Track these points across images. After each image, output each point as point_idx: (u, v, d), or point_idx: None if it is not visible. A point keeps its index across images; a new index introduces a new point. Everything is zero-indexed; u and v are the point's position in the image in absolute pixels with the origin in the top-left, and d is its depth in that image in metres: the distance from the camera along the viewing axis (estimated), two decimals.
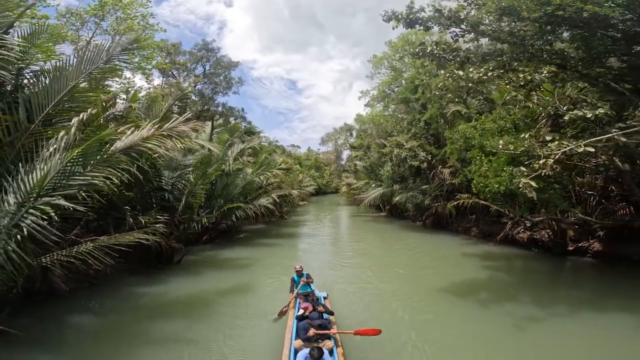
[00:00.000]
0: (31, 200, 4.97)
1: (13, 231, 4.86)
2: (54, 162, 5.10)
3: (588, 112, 7.39)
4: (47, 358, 5.91)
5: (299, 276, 8.45)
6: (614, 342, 6.43)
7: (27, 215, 4.87)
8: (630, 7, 8.09)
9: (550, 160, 6.80)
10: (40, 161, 5.44)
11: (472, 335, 6.95)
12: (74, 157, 5.11)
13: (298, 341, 5.87)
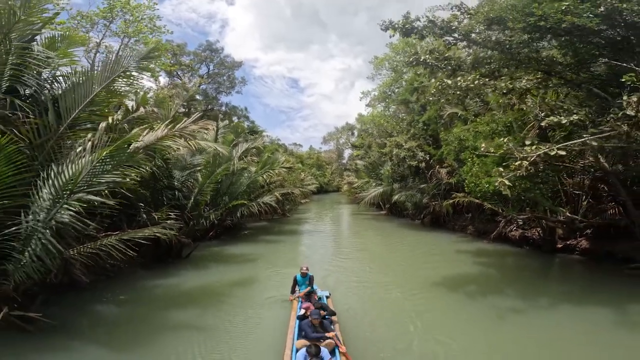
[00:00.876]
0: (65, 197, 5.67)
1: (50, 224, 5.56)
2: (85, 162, 5.78)
3: (563, 119, 8.03)
4: (75, 344, 6.50)
5: (303, 277, 8.52)
6: (589, 334, 7.00)
7: (62, 210, 5.56)
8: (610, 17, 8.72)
9: (525, 163, 7.42)
10: (70, 161, 6.13)
11: (457, 324, 7.56)
12: (104, 157, 5.80)
13: (300, 341, 5.82)
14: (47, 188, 5.77)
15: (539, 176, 10.57)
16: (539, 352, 6.26)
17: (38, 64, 8.10)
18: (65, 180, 5.72)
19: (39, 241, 5.56)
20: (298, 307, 7.49)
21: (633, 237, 12.12)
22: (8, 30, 7.29)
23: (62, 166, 6.07)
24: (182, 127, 8.55)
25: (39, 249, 5.54)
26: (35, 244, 5.55)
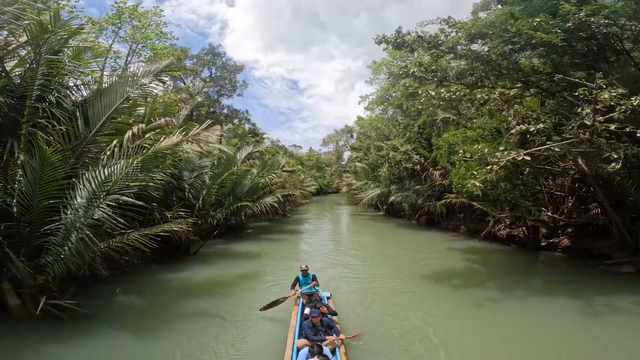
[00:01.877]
0: (102, 197, 6.62)
1: (88, 221, 6.50)
2: (120, 166, 6.73)
3: (531, 127, 8.97)
4: (105, 330, 7.30)
5: (304, 276, 8.61)
6: (554, 319, 7.87)
7: (98, 209, 6.51)
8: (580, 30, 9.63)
9: (495, 167, 8.35)
10: (103, 165, 7.08)
11: (440, 312, 8.46)
12: (137, 163, 6.76)
13: (301, 340, 5.86)
14: (85, 189, 6.70)
15: (519, 178, 11.54)
16: (506, 333, 7.24)
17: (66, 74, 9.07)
18: (101, 182, 6.66)
19: (78, 236, 6.49)
20: (299, 308, 7.59)
21: (610, 236, 13.09)
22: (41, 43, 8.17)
23: (97, 170, 7.00)
24: (195, 134, 9.51)
25: (78, 243, 6.48)
26: (75, 238, 6.48)
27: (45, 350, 6.24)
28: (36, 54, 8.13)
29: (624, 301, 8.72)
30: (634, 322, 7.57)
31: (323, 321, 6.11)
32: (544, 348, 6.52)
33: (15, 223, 6.93)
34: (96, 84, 11.51)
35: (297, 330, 6.36)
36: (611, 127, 7.63)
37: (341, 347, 5.73)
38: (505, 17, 10.22)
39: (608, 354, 6.28)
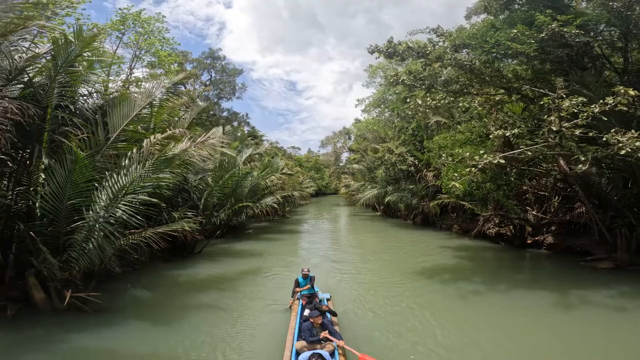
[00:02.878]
0: (120, 197, 7.39)
1: (110, 219, 7.27)
2: (135, 169, 7.50)
3: (507, 132, 9.79)
4: (124, 321, 7.97)
5: (304, 278, 8.62)
6: (528, 309, 8.63)
7: (119, 207, 7.29)
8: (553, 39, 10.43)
9: (473, 170, 9.12)
10: (121, 168, 7.85)
11: (424, 302, 9.23)
12: (149, 166, 7.54)
13: (300, 342, 5.87)
14: (107, 190, 7.48)
15: (503, 179, 12.36)
16: (484, 322, 8.01)
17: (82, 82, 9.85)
18: (122, 185, 7.44)
19: (101, 232, 7.26)
20: (299, 309, 7.64)
21: (592, 233, 13.90)
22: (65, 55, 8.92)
23: (119, 173, 7.79)
24: (203, 140, 10.29)
25: (101, 239, 7.24)
26: (98, 234, 7.24)
27: (72, 339, 6.93)
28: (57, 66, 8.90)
29: (597, 295, 9.44)
30: (602, 314, 8.26)
31: (324, 323, 6.09)
32: (515, 334, 7.32)
33: (40, 222, 7.71)
34: (108, 91, 12.34)
35: (297, 332, 6.38)
36: (576, 132, 8.43)
37: (339, 348, 5.72)
38: (487, 28, 11.06)
39: (570, 342, 6.97)
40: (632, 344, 6.76)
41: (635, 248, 11.85)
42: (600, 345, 6.75)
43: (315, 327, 5.98)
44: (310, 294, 8.36)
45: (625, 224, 12.03)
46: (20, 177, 8.71)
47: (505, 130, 9.88)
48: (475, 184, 11.82)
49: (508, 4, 13.25)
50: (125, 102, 9.79)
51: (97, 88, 11.50)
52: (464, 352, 6.47)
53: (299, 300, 8.12)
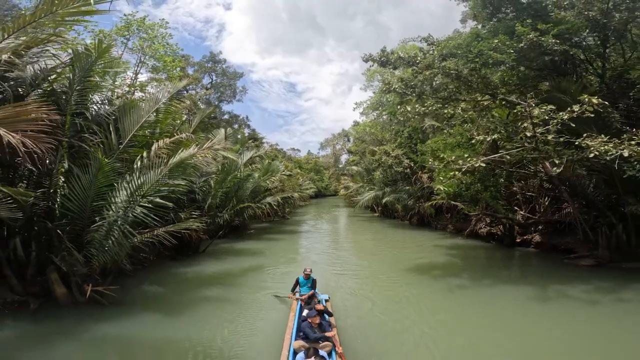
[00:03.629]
0: (139, 198, 8.15)
1: (128, 218, 8.03)
2: (153, 173, 8.26)
3: (488, 137, 10.55)
4: (139, 312, 8.64)
5: (306, 279, 8.76)
6: (507, 302, 9.38)
7: (137, 207, 8.04)
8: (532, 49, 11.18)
9: (458, 173, 9.88)
10: (135, 171, 8.61)
11: (413, 295, 9.99)
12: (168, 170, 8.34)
13: (298, 342, 5.90)
14: (123, 192, 8.24)
15: (490, 181, 13.12)
16: (465, 313, 8.76)
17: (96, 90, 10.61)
18: (137, 186, 8.21)
19: (120, 230, 8.01)
20: (297, 309, 7.77)
21: (576, 232, 14.64)
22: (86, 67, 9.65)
23: (133, 176, 8.56)
24: (209, 146, 11.05)
25: (120, 236, 7.99)
26: (117, 232, 7.99)
27: (94, 329, 7.60)
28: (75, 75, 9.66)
29: (574, 289, 10.11)
30: (576, 307, 8.94)
31: (322, 324, 6.20)
32: (492, 323, 8.10)
33: (62, 221, 8.46)
34: (118, 99, 13.09)
35: (294, 331, 6.45)
36: (549, 137, 9.19)
37: (338, 348, 5.82)
38: (472, 38, 11.84)
39: (542, 331, 7.69)
40: (597, 333, 7.44)
41: (615, 246, 12.56)
42: (568, 333, 7.45)
43: (314, 327, 6.08)
44: (309, 294, 8.47)
45: (606, 223, 12.76)
46: (41, 179, 9.46)
47: (486, 136, 10.64)
48: (465, 185, 12.57)
49: (494, 13, 14.04)
50: (135, 109, 10.60)
51: (109, 96, 12.30)
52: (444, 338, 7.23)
53: (297, 300, 8.26)
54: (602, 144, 8.43)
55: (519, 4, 13.31)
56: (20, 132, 4.69)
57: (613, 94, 12.35)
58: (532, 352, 6.57)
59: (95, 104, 11.31)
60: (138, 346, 6.97)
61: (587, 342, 6.98)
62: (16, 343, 6.91)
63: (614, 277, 11.20)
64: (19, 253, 8.88)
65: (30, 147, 4.87)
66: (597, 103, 8.62)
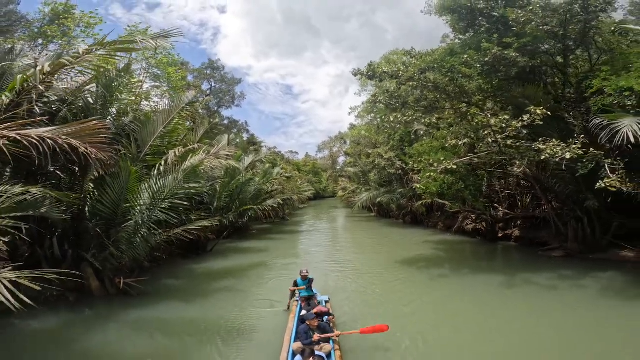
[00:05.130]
0: (160, 200, 9.58)
1: (153, 218, 9.47)
2: (172, 178, 9.71)
3: (459, 142, 12.00)
4: (160, 301, 9.86)
5: (303, 280, 8.74)
6: (478, 288, 10.79)
7: (159, 209, 9.48)
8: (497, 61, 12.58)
9: (433, 174, 11.30)
10: (154, 177, 10.04)
11: (399, 284, 11.43)
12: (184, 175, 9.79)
13: (297, 344, 5.93)
14: (149, 195, 9.68)
15: (470, 180, 14.57)
16: (444, 296, 10.21)
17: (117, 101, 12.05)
18: (158, 190, 9.65)
19: (146, 228, 9.41)
20: (297, 311, 7.82)
21: (551, 227, 16.06)
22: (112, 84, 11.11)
23: (155, 180, 9.99)
24: (216, 152, 12.47)
25: (146, 233, 9.39)
26: (144, 230, 9.39)
27: (127, 315, 8.88)
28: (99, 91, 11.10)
29: (539, 277, 11.41)
30: (536, 290, 10.24)
31: (320, 325, 6.24)
32: (462, 304, 9.51)
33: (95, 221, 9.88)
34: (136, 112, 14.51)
35: (294, 333, 6.47)
36: (508, 142, 10.64)
37: (337, 350, 5.90)
38: (446, 54, 13.30)
39: (504, 310, 9.10)
40: (547, 311, 8.70)
41: (582, 238, 13.98)
42: (521, 311, 8.87)
43: (312, 329, 6.10)
44: (309, 295, 8.49)
45: (574, 218, 14.18)
46: (74, 185, 10.83)
47: (458, 140, 12.11)
48: (447, 184, 13.99)
49: (469, 27, 15.45)
50: (151, 121, 12.05)
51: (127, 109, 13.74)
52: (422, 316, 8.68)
53: (297, 302, 8.31)
54: (551, 148, 9.86)
55: (490, 17, 14.73)
56: (88, 143, 6.02)
57: (576, 100, 13.77)
58: (491, 324, 8.05)
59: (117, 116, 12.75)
60: (166, 326, 8.30)
61: (537, 318, 8.32)
62: (66, 329, 8.22)
63: (578, 267, 12.57)
64: (55, 251, 10.28)
65: (95, 155, 6.24)
66: (540, 113, 10.09)
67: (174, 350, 7.05)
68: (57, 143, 5.55)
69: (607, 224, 13.66)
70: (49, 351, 7.09)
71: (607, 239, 13.70)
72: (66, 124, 8.06)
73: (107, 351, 6.99)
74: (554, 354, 6.46)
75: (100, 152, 6.36)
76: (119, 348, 7.10)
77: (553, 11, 12.64)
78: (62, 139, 5.56)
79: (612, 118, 9.16)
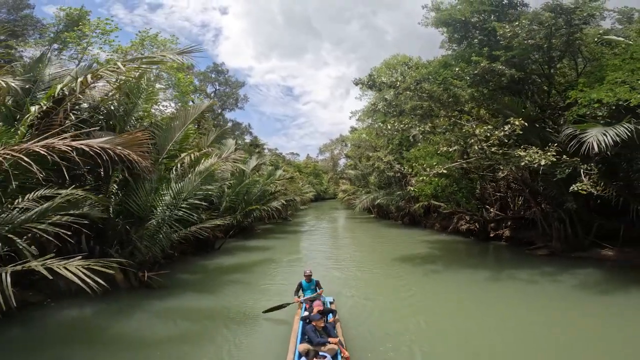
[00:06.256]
0: (181, 200, 10.71)
1: (173, 217, 10.59)
2: (189, 180, 10.83)
3: (450, 148, 13.09)
4: (178, 293, 10.92)
5: (308, 281, 8.81)
6: (466, 281, 11.83)
7: (180, 208, 10.61)
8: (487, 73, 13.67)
9: (426, 178, 12.40)
10: (173, 179, 11.16)
11: (395, 279, 12.54)
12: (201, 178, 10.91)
13: (303, 345, 5.98)
14: (170, 195, 10.80)
15: (462, 183, 15.66)
16: (435, 288, 11.31)
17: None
18: (179, 190, 10.78)
19: (168, 226, 10.53)
20: (302, 313, 7.83)
21: (538, 227, 17.12)
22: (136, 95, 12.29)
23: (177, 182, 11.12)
24: (227, 156, 13.61)
25: (168, 230, 10.51)
26: (166, 227, 10.51)
27: (151, 305, 9.91)
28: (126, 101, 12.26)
29: (522, 273, 12.41)
30: (518, 284, 11.30)
31: (327, 327, 6.29)
32: (449, 296, 10.61)
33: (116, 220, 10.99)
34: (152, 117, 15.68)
35: (300, 335, 6.53)
36: (492, 149, 11.74)
37: (344, 353, 5.88)
38: (440, 66, 14.41)
39: (487, 299, 10.20)
40: (525, 301, 9.84)
41: (565, 238, 15.03)
42: (501, 300, 10.02)
43: (318, 330, 6.14)
44: (313, 297, 8.49)
45: (558, 218, 15.24)
46: (99, 187, 11.94)
47: (449, 147, 13.23)
48: (440, 187, 15.10)
49: (463, 38, 16.54)
50: (167, 127, 13.20)
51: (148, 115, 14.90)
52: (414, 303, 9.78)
53: (302, 304, 8.32)
54: (530, 155, 10.96)
55: (483, 29, 15.80)
56: (135, 152, 7.11)
57: (562, 107, 14.82)
58: (473, 311, 9.15)
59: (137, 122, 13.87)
60: (187, 314, 9.35)
61: (515, 307, 9.49)
62: (100, 317, 9.19)
63: (559, 264, 13.57)
64: (83, 247, 11.39)
65: (141, 163, 7.36)
66: (519, 124, 11.20)
67: (199, 332, 8.11)
68: (115, 152, 6.65)
69: (588, 225, 14.73)
70: (89, 335, 8.10)
71: (588, 239, 14.75)
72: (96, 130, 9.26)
73: (140, 335, 8.03)
74: (521, 333, 7.56)
75: (144, 160, 7.46)
76: (150, 332, 8.14)
77: (540, 24, 13.66)
78: (118, 149, 6.65)
79: (583, 128, 10.22)
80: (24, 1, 28.39)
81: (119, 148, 6.76)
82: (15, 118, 10.25)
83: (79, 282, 5.51)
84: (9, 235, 6.66)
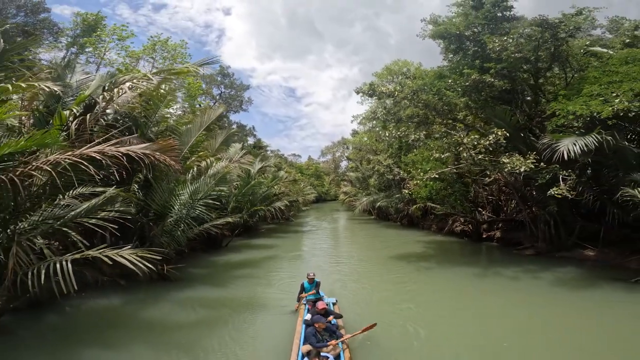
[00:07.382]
0: (197, 200, 11.87)
1: (190, 215, 11.76)
2: (204, 181, 12.00)
3: (442, 154, 14.20)
4: (193, 285, 11.97)
5: (310, 283, 8.90)
6: (455, 277, 12.86)
7: (196, 207, 11.79)
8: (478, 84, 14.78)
9: (420, 182, 13.53)
10: (189, 179, 12.33)
11: (393, 276, 13.61)
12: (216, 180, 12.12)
13: (306, 346, 5.99)
14: (187, 195, 11.98)
15: (455, 187, 16.77)
16: (427, 283, 12.41)
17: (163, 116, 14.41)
18: (194, 191, 11.95)
19: (185, 224, 11.70)
20: (304, 314, 7.92)
21: (526, 228, 18.17)
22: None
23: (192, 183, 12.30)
24: (237, 159, 14.79)
25: (185, 227, 11.67)
26: (184, 225, 11.68)
27: (172, 295, 10.95)
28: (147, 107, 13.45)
29: (507, 270, 13.43)
30: (502, 280, 12.37)
31: (328, 327, 6.31)
32: (439, 288, 11.77)
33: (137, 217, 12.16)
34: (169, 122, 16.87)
35: (303, 336, 6.56)
36: (479, 157, 12.85)
37: (346, 351, 5.96)
38: (434, 77, 15.54)
39: (472, 293, 11.29)
40: (504, 293, 10.98)
41: (550, 239, 16.10)
42: (484, 293, 11.08)
43: (319, 331, 6.17)
44: (316, 298, 8.58)
45: (543, 220, 16.30)
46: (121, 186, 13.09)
47: (441, 154, 14.36)
48: (435, 190, 16.21)
49: (458, 49, 17.65)
50: (186, 131, 14.38)
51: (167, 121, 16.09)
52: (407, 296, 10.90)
53: (304, 305, 8.41)
54: (512, 162, 12.07)
55: (477, 41, 16.89)
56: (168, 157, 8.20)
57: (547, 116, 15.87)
58: (460, 302, 10.28)
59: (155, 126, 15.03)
60: (204, 303, 10.41)
61: (495, 298, 10.60)
62: (128, 305, 10.18)
63: (542, 263, 14.55)
64: (107, 241, 12.54)
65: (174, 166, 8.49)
66: (501, 135, 12.33)
67: (213, 318, 9.17)
68: (154, 157, 7.78)
69: (572, 227, 15.80)
70: (121, 321, 9.12)
71: (572, 240, 15.80)
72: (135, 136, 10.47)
73: (164, 320, 9.07)
74: (498, 320, 8.72)
75: (177, 164, 8.59)
76: (174, 318, 9.18)
77: (528, 37, 14.71)
78: (157, 155, 7.78)
79: (558, 138, 11.32)
80: (41, 5, 29.73)
81: (157, 153, 7.86)
82: (48, 122, 11.44)
83: (133, 267, 6.47)
84: (62, 229, 7.71)
